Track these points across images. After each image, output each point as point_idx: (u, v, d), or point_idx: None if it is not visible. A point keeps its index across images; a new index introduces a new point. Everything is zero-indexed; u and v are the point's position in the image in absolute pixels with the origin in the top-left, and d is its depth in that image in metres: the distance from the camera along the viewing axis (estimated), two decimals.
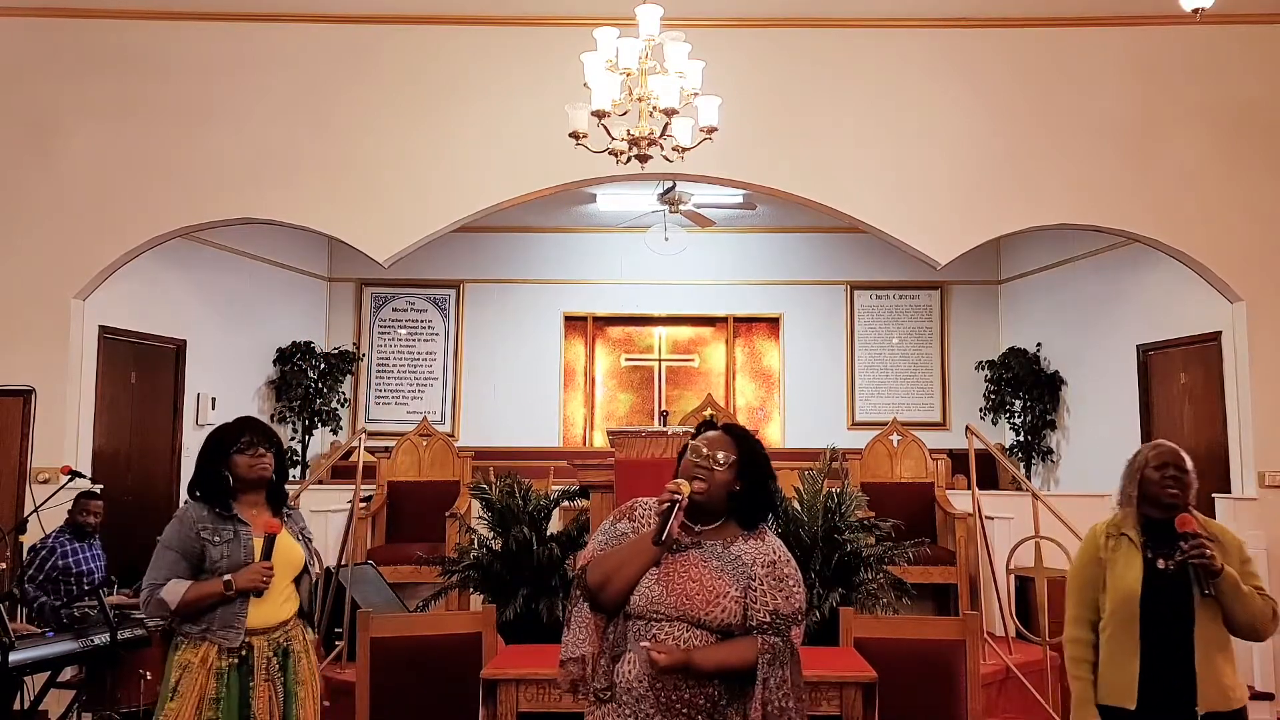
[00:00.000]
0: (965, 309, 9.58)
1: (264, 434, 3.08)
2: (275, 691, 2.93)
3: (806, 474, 4.79)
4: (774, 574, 2.27)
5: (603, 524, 2.44)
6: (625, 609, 2.29)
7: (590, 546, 2.40)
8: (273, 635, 2.97)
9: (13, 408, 6.04)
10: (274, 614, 2.97)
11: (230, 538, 2.95)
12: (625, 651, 2.28)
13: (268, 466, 3.03)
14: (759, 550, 2.29)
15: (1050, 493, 7.91)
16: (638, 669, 2.22)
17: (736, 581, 2.25)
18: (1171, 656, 2.71)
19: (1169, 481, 2.83)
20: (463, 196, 6.36)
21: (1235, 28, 6.29)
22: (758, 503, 2.36)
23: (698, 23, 5.85)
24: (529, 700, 3.22)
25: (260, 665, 2.92)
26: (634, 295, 9.71)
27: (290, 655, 3.00)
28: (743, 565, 2.27)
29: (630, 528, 2.37)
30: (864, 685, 3.18)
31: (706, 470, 2.30)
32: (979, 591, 5.79)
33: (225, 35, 6.42)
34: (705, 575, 2.26)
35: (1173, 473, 2.84)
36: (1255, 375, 6.23)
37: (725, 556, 2.28)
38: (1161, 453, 2.90)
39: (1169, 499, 2.81)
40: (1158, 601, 2.73)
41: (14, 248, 6.21)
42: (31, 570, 5.11)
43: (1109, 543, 2.88)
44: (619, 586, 2.28)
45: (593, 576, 2.31)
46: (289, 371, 8.77)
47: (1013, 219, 6.42)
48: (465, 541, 5.10)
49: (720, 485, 2.30)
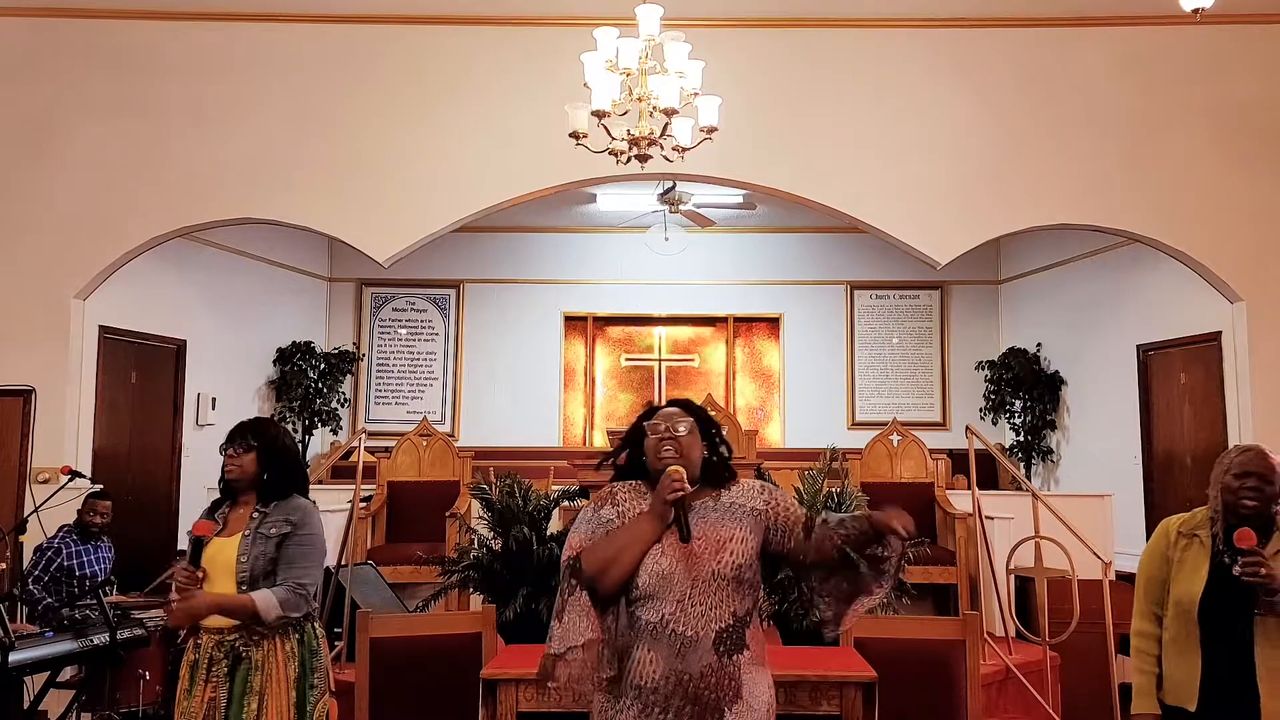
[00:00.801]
0: (965, 309, 9.58)
1: (241, 433, 3.03)
2: (218, 695, 2.85)
3: (806, 474, 4.79)
4: (772, 495, 2.40)
5: (583, 513, 2.43)
6: (631, 588, 2.27)
7: (577, 537, 2.37)
8: (225, 638, 2.88)
9: (13, 408, 6.04)
10: (215, 617, 2.87)
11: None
12: (634, 655, 2.25)
13: (235, 467, 2.99)
14: (746, 489, 2.40)
15: (1050, 493, 7.91)
16: (662, 667, 2.22)
17: (739, 523, 2.32)
18: (1233, 663, 2.66)
19: (1247, 493, 2.72)
20: (463, 196, 6.36)
21: (1235, 28, 6.29)
22: (723, 461, 2.44)
23: (698, 23, 5.85)
24: (529, 700, 3.21)
25: (203, 664, 2.88)
26: (634, 295, 9.71)
27: (245, 661, 2.87)
28: (740, 507, 2.35)
29: (614, 513, 2.37)
30: (864, 685, 3.17)
31: (674, 442, 2.34)
32: (979, 591, 5.79)
33: (225, 35, 6.42)
34: (707, 529, 2.30)
35: (1253, 483, 2.72)
36: (1255, 375, 6.23)
37: (720, 507, 2.35)
38: (1246, 460, 2.77)
39: (1245, 510, 2.72)
40: (1222, 607, 2.69)
41: (14, 248, 6.21)
42: (38, 571, 5.12)
43: (1180, 541, 2.85)
44: (620, 572, 2.27)
45: (589, 565, 2.29)
46: (289, 371, 8.77)
47: (1013, 219, 6.42)
48: (465, 541, 5.10)
49: (691, 450, 2.37)
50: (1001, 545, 5.58)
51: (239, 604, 2.86)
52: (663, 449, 2.34)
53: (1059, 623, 4.86)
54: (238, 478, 3.00)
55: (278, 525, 2.96)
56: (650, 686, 2.22)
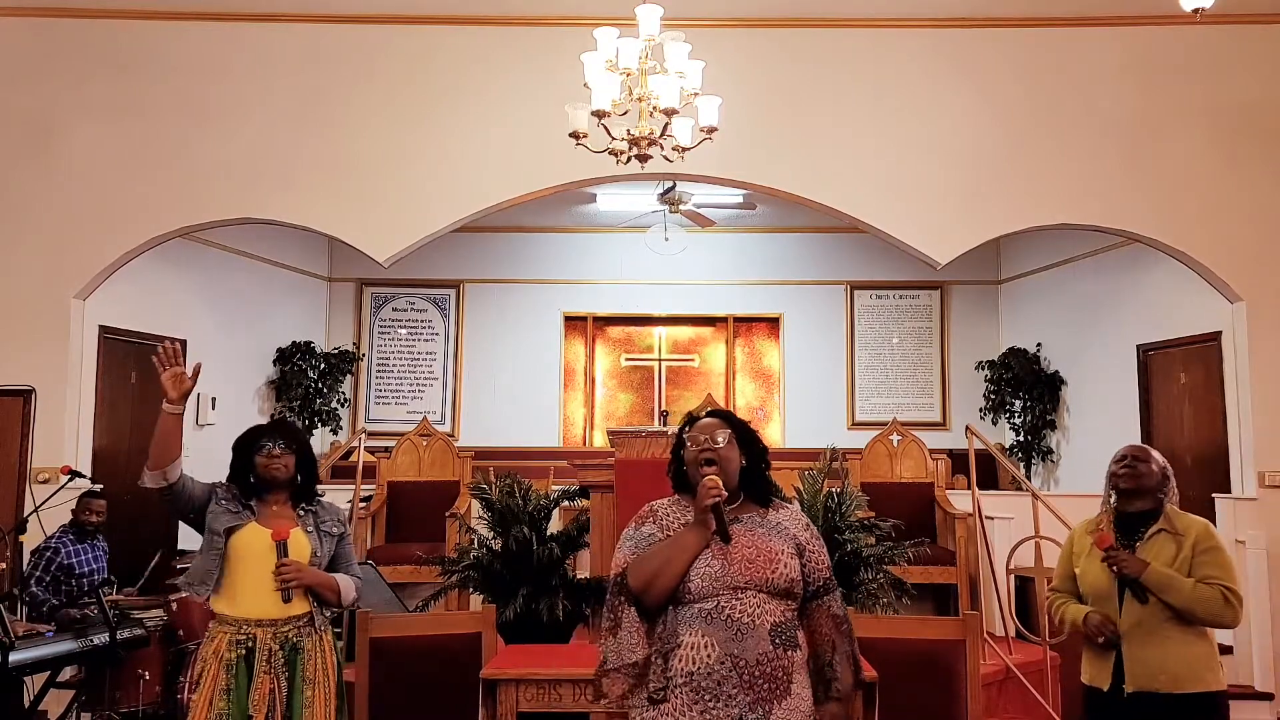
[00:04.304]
0: (965, 309, 9.58)
1: (285, 434, 3.15)
2: (279, 685, 2.93)
3: (806, 474, 4.78)
4: (814, 535, 2.45)
5: (625, 532, 2.46)
6: (680, 595, 2.29)
7: (621, 554, 2.39)
8: (280, 629, 2.98)
9: (13, 408, 6.04)
10: (276, 607, 2.98)
11: (237, 512, 3.06)
12: (684, 641, 2.25)
13: (282, 466, 3.09)
14: (793, 517, 2.45)
15: (1050, 493, 7.91)
16: (717, 651, 2.22)
17: (786, 543, 2.36)
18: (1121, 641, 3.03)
19: (1123, 469, 3.13)
20: (463, 196, 6.36)
21: (1235, 28, 6.29)
22: (764, 476, 2.47)
23: (698, 23, 5.85)
24: (529, 700, 3.22)
25: (262, 657, 2.93)
26: (634, 295, 9.71)
27: (300, 652, 2.99)
28: (785, 529, 2.39)
29: (655, 528, 2.40)
30: (864, 685, 3.17)
31: (712, 453, 2.37)
32: (979, 591, 5.79)
33: (225, 35, 6.41)
34: (758, 541, 2.33)
35: (1128, 463, 3.14)
36: (1255, 375, 6.23)
37: (767, 524, 2.39)
38: (1123, 449, 3.21)
39: (1125, 485, 3.11)
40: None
41: (14, 248, 6.20)
42: (39, 572, 5.12)
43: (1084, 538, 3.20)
44: (667, 583, 2.29)
45: (635, 580, 2.31)
46: (289, 371, 8.77)
47: (1013, 219, 6.42)
48: (465, 541, 5.10)
49: (730, 463, 2.39)
50: (1001, 545, 5.58)
51: (331, 584, 3.10)
52: (701, 458, 2.38)
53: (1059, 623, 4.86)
54: (284, 477, 3.11)
55: (335, 525, 3.20)
56: (704, 671, 2.22)
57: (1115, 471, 3.15)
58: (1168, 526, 3.06)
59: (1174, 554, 3.01)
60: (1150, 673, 2.94)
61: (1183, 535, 3.03)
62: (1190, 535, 3.03)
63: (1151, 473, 3.11)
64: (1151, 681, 2.94)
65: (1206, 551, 3.01)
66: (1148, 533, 3.08)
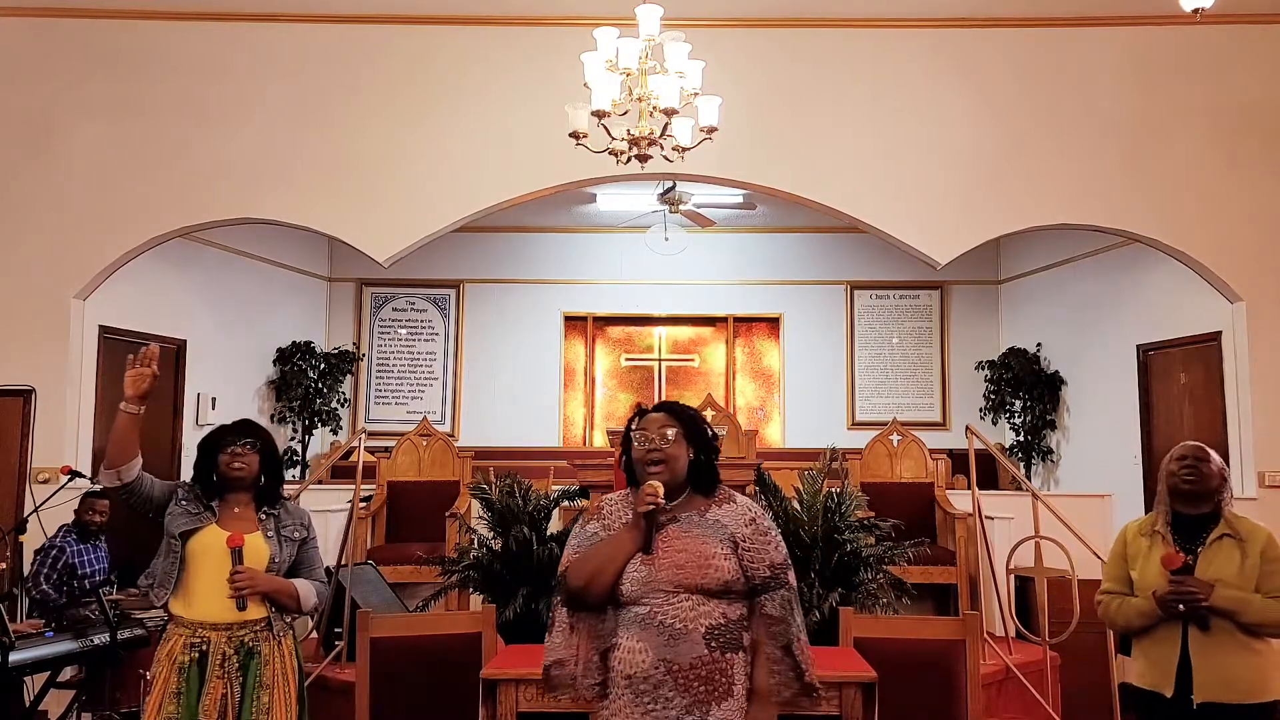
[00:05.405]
0: (965, 309, 9.58)
1: (249, 434, 3.09)
2: (231, 690, 2.89)
3: (806, 474, 4.77)
4: (757, 530, 2.36)
5: (574, 529, 2.49)
6: (617, 596, 2.31)
7: (567, 551, 2.43)
8: (235, 633, 2.93)
9: (13, 408, 6.04)
10: (230, 612, 2.92)
11: (197, 513, 3.01)
12: (621, 644, 2.28)
13: (243, 466, 3.04)
14: (735, 512, 2.39)
15: (1050, 493, 7.91)
16: (651, 656, 2.23)
17: (722, 542, 2.32)
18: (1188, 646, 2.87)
19: (1185, 470, 2.98)
20: (463, 196, 6.36)
21: (1235, 28, 6.29)
22: (711, 467, 2.45)
23: (698, 23, 5.85)
24: (529, 700, 3.21)
25: (215, 661, 2.89)
26: (634, 295, 9.71)
27: (256, 657, 2.93)
28: (723, 527, 2.35)
29: (600, 526, 2.42)
30: (864, 685, 3.17)
31: (659, 450, 2.36)
32: (979, 591, 5.79)
33: (225, 35, 6.42)
34: (690, 543, 2.32)
35: (1190, 462, 2.99)
36: (1255, 375, 6.23)
37: (704, 523, 2.36)
38: (1182, 447, 3.07)
39: (1185, 487, 2.97)
40: None
41: (14, 248, 6.20)
42: (45, 570, 5.12)
43: (1137, 540, 3.07)
44: (604, 583, 2.31)
45: (574, 579, 2.35)
46: (289, 371, 8.77)
47: (1013, 219, 6.42)
48: (465, 541, 5.09)
49: (677, 460, 2.37)
50: (1001, 545, 5.57)
51: (289, 589, 3.03)
52: (649, 458, 2.37)
53: (1059, 623, 4.86)
54: (246, 476, 3.06)
55: (297, 529, 3.12)
56: (640, 675, 2.24)
57: (1175, 471, 2.99)
58: (1230, 531, 2.93)
59: (1239, 562, 2.88)
60: (1225, 683, 2.82)
61: (1247, 541, 2.90)
62: (1256, 542, 2.90)
63: (1213, 473, 2.97)
64: (1226, 692, 2.82)
65: (1276, 560, 2.89)
66: (1209, 538, 2.94)
